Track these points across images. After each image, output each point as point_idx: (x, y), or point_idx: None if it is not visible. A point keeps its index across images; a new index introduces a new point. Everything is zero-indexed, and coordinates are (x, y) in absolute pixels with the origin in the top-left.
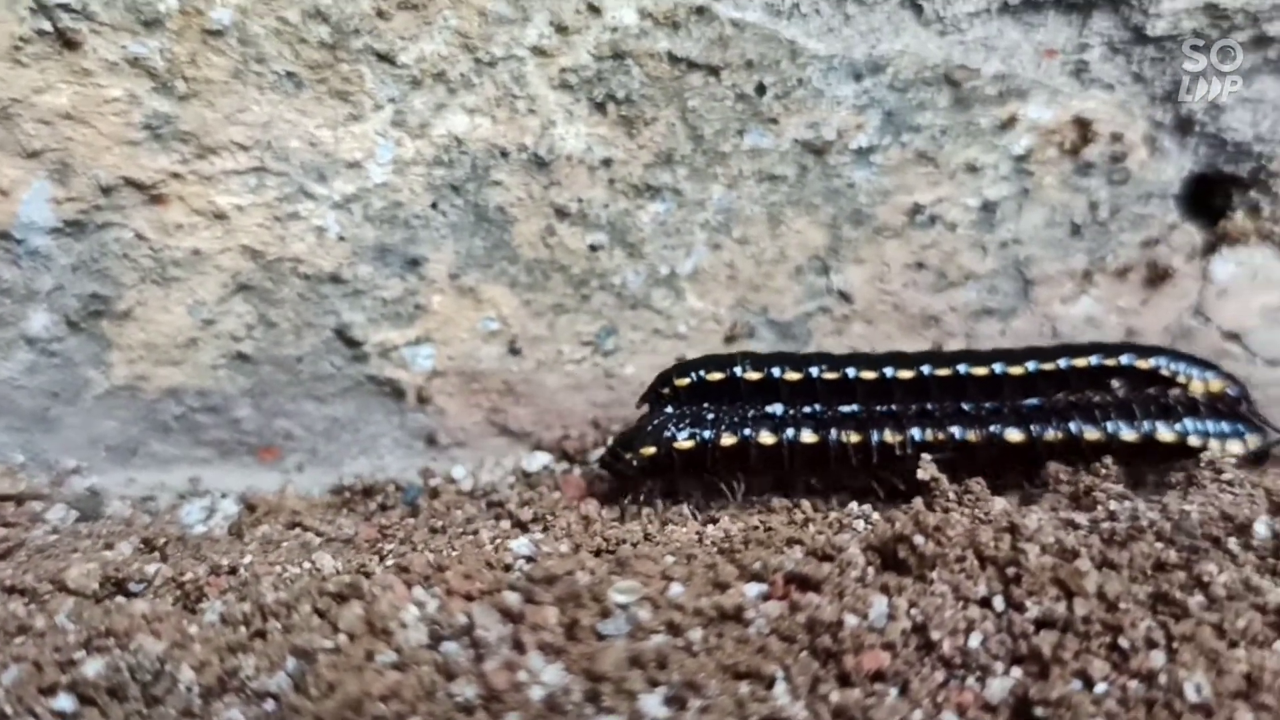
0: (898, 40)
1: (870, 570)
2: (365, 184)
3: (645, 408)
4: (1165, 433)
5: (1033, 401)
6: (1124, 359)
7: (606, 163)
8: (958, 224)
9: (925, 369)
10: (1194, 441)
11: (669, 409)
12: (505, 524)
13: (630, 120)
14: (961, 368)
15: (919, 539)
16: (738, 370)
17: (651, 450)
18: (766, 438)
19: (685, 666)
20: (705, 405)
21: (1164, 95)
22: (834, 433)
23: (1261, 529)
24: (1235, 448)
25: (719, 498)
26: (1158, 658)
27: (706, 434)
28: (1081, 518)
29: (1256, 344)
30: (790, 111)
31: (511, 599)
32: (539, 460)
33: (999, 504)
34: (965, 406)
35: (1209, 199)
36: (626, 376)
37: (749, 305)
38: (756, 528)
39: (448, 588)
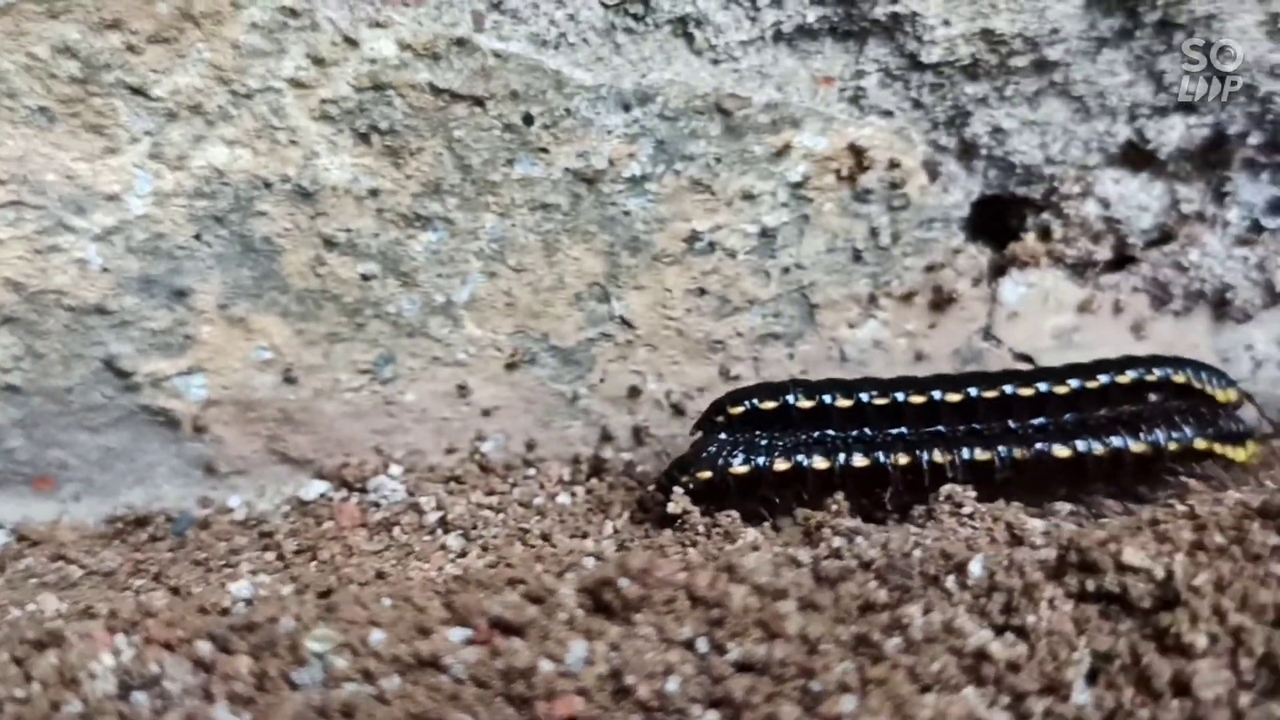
0: (668, 69)
1: (580, 613)
2: (125, 216)
3: (699, 434)
4: (1200, 442)
5: (1076, 417)
6: (1158, 372)
7: (374, 193)
8: (737, 251)
9: (973, 391)
10: (1218, 448)
11: (722, 435)
12: (270, 555)
13: (395, 150)
14: (1008, 388)
15: (624, 582)
16: (790, 398)
17: (708, 474)
18: (820, 462)
19: (374, 716)
20: (758, 432)
21: (946, 121)
22: (884, 455)
23: (976, 568)
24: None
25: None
26: (848, 702)
27: (761, 459)
28: (805, 554)
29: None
30: (560, 141)
31: (204, 648)
32: (316, 488)
33: (747, 538)
34: (1012, 425)
35: (1004, 221)
36: (407, 404)
37: (529, 332)
38: (496, 564)
39: (147, 635)
